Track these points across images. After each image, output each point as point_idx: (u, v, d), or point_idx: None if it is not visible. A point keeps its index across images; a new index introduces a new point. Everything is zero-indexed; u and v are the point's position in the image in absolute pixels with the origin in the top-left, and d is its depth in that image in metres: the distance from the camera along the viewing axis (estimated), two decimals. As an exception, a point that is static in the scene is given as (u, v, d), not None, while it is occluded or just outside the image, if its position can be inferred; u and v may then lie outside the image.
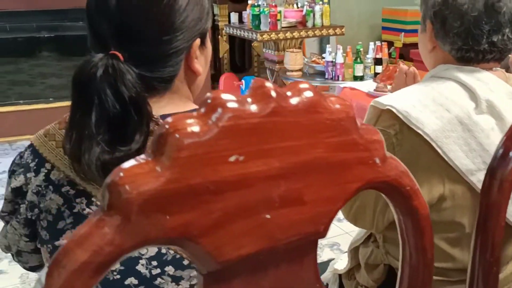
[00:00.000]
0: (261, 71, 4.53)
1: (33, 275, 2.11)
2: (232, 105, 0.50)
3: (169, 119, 0.48)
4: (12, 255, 0.88)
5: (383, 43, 3.55)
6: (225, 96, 0.50)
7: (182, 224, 0.48)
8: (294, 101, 0.52)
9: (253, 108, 0.50)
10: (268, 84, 0.52)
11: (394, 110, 0.95)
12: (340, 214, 2.94)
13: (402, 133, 0.95)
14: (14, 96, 3.82)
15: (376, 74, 3.40)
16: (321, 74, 3.51)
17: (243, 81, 3.93)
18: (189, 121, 0.48)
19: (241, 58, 4.64)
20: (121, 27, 0.72)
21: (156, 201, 0.46)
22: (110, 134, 0.67)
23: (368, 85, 3.11)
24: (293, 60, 3.52)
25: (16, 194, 0.79)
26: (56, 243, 0.75)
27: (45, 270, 0.82)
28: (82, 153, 0.66)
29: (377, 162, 0.57)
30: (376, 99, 1.01)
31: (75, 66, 0.67)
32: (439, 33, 1.01)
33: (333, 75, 3.40)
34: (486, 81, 0.96)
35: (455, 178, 0.94)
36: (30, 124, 3.68)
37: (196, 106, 0.79)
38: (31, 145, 0.79)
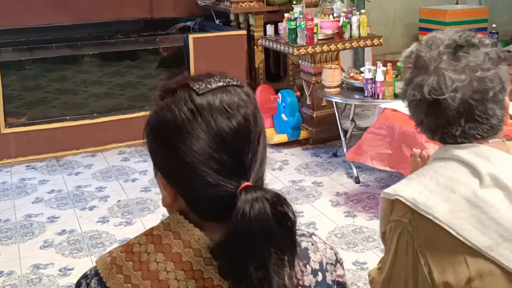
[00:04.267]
0: (297, 77, 4.44)
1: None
2: None
3: None
4: None
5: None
6: None
7: None
8: None
9: None
10: None
11: (402, 199, 0.97)
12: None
13: (416, 220, 0.96)
14: (60, 106, 3.91)
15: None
16: (360, 90, 3.39)
17: (279, 94, 3.85)
18: None
19: (276, 67, 4.55)
20: (242, 156, 0.72)
21: None
22: (282, 262, 0.69)
23: (411, 106, 2.99)
24: (331, 76, 3.41)
25: None
26: None
27: None
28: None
29: None
30: (385, 191, 1.03)
31: (115, 72, 0.63)
32: None
33: (373, 92, 3.28)
34: (485, 154, 0.97)
35: (476, 257, 0.93)
36: (76, 139, 3.76)
37: None
38: (97, 273, 0.76)
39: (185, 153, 0.71)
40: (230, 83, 0.75)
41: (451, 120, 0.96)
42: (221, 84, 0.74)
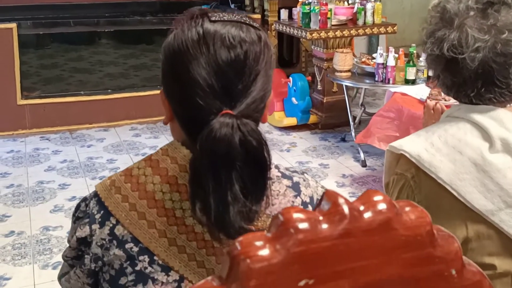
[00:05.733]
0: (309, 65, 4.45)
1: None
2: (303, 226, 0.48)
3: (240, 240, 0.47)
4: None
5: (438, 45, 3.39)
6: (296, 215, 0.48)
7: None
8: (367, 218, 0.50)
9: (325, 230, 0.48)
10: (341, 201, 0.50)
11: (407, 155, 0.95)
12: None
13: (419, 177, 0.94)
14: (75, 83, 4.00)
15: (429, 77, 3.27)
16: (371, 75, 3.41)
17: (290, 78, 3.88)
18: (259, 243, 0.47)
19: (289, 53, 4.58)
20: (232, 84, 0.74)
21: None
22: (246, 194, 0.69)
23: (421, 90, 3.00)
24: (342, 60, 3.43)
25: (81, 243, 0.82)
26: None
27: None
28: (229, 218, 0.68)
29: (453, 273, 0.54)
30: (391, 144, 1.01)
31: (130, 54, 0.67)
32: None
33: (384, 77, 3.30)
34: (500, 119, 0.92)
35: (477, 219, 0.92)
36: (90, 113, 3.82)
37: None
38: (96, 195, 0.80)
39: (181, 70, 0.75)
40: (246, 21, 0.78)
41: (467, 81, 0.92)
42: (235, 18, 0.77)
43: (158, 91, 4.16)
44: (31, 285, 2.13)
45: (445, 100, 2.86)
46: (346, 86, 3.48)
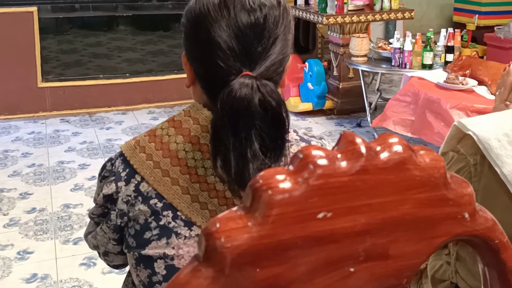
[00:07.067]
0: (325, 52, 4.45)
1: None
2: (322, 162, 0.50)
3: (262, 174, 0.50)
4: (99, 253, 0.96)
5: (456, 30, 3.36)
6: (315, 152, 0.51)
7: (271, 277, 0.50)
8: (383, 158, 0.52)
9: (343, 166, 0.51)
10: (358, 140, 0.52)
11: (475, 138, 0.87)
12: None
13: (482, 166, 0.87)
14: (94, 68, 4.08)
15: (446, 62, 3.25)
16: (387, 60, 3.40)
17: (306, 63, 3.89)
18: (281, 177, 0.50)
19: (305, 39, 4.58)
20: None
21: (248, 255, 0.49)
22: (265, 152, 0.72)
23: (438, 75, 2.98)
24: (359, 45, 3.42)
25: (107, 200, 0.84)
26: (142, 252, 0.81)
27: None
28: (248, 174, 0.71)
29: (466, 217, 0.56)
30: (461, 120, 0.92)
31: (148, 40, 0.69)
32: None
33: (400, 62, 3.28)
34: None
35: None
36: (109, 97, 3.89)
37: None
38: (122, 154, 0.83)
39: (202, 33, 0.77)
40: None
41: None
42: None
43: (175, 76, 4.23)
44: (53, 259, 2.20)
45: (462, 85, 2.84)
46: (362, 71, 3.48)
